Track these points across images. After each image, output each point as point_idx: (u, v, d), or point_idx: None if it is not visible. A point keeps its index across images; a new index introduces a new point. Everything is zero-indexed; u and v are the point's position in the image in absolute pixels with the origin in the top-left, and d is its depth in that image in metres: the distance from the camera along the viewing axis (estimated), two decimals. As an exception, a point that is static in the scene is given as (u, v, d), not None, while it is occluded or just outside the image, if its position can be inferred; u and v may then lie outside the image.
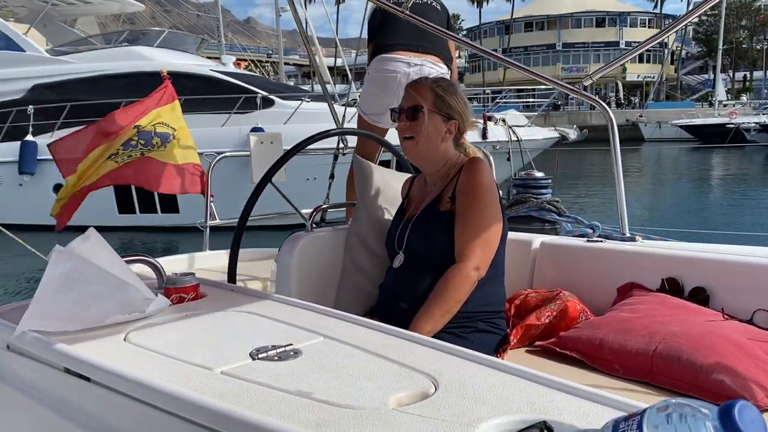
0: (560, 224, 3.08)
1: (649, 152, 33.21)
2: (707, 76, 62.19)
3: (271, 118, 11.67)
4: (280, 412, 1.04)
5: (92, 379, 1.31)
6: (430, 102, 2.07)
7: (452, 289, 1.91)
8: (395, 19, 3.43)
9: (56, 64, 13.94)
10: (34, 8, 16.57)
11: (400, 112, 2.11)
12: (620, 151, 2.44)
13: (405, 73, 3.52)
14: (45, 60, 14.14)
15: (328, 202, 3.90)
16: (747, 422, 0.73)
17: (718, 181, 21.74)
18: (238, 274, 2.46)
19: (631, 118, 40.55)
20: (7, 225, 6.04)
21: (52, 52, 14.70)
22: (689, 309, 1.91)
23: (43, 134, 12.21)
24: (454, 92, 2.09)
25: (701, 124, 36.27)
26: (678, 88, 63.68)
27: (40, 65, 13.85)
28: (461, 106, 2.08)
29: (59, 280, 1.49)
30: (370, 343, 1.34)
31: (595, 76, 2.66)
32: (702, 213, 14.41)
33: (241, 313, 1.60)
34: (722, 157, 29.69)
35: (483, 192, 1.98)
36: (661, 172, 25.08)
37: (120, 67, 13.49)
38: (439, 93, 2.07)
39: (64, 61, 14.09)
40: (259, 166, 4.03)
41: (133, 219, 12.22)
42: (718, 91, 44.00)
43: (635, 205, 14.25)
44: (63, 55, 14.50)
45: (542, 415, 1.00)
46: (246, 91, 12.74)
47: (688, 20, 2.75)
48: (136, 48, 14.28)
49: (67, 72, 13.72)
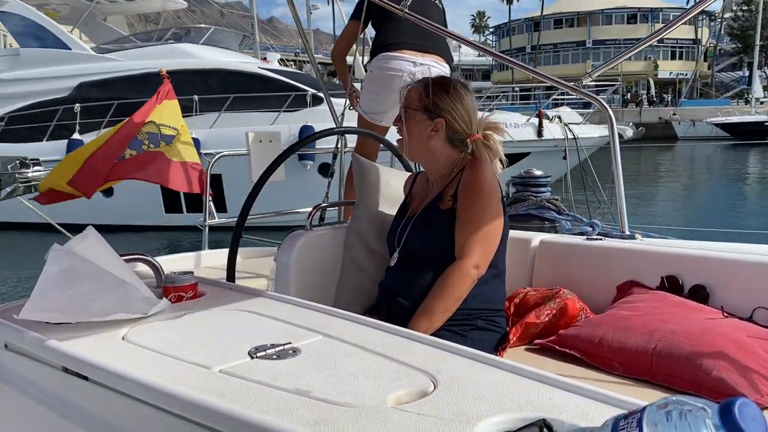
0: (559, 222, 3.08)
1: (683, 151, 32.65)
2: (741, 73, 61.07)
3: (321, 117, 11.26)
4: (279, 410, 1.04)
5: (90, 378, 1.30)
6: (415, 101, 2.09)
7: (452, 286, 1.91)
8: (396, 16, 3.42)
9: (102, 62, 13.86)
10: (76, 6, 16.48)
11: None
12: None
13: (410, 72, 3.51)
14: (91, 58, 14.07)
15: (327, 200, 3.90)
16: (747, 419, 0.72)
17: (756, 180, 21.23)
18: (237, 273, 2.46)
19: (664, 116, 39.76)
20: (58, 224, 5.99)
21: (97, 50, 14.62)
22: (689, 307, 1.91)
23: (90, 132, 12.06)
24: (445, 91, 2.07)
25: (738, 122, 35.55)
26: (712, 85, 62.23)
27: (86, 63, 13.78)
28: (451, 104, 2.05)
29: (57, 278, 1.49)
30: (369, 342, 1.34)
31: (594, 74, 2.66)
32: (737, 212, 14.19)
33: (240, 311, 1.60)
34: (761, 156, 29.11)
35: (484, 190, 1.98)
36: (698, 170, 24.66)
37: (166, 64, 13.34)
38: (425, 92, 2.07)
39: (110, 59, 14.00)
40: (258, 165, 4.02)
41: (180, 218, 12.12)
42: (755, 88, 43.00)
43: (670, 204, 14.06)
44: (109, 53, 14.41)
45: (542, 413, 1.00)
46: (295, 89, 12.57)
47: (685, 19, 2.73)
48: (182, 45, 14.18)
49: (113, 70, 13.65)
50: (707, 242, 2.21)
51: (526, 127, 12.32)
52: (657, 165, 21.97)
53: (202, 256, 3.63)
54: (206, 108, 12.31)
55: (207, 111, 12.25)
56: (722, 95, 56.60)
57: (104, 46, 15.29)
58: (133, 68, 13.50)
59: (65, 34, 14.37)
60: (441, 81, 2.13)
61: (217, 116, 12.13)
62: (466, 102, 2.09)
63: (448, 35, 3.32)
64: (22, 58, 14.27)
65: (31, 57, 14.17)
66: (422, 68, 3.51)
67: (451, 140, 2.08)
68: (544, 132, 12.13)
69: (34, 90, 13.63)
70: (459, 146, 2.10)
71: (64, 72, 13.61)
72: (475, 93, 2.18)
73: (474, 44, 3.55)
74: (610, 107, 2.63)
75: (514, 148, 11.86)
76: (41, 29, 14.46)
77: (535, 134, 12.10)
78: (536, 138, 12.04)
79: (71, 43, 14.27)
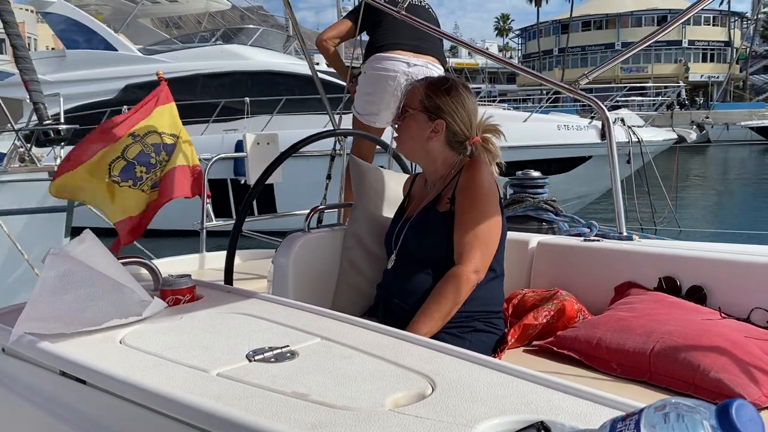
0: (557, 223, 3.08)
1: (716, 154, 31.89)
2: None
3: None
4: (277, 413, 1.04)
5: (88, 381, 1.30)
6: (417, 101, 2.08)
7: (451, 291, 1.91)
8: (391, 18, 3.42)
9: (149, 64, 13.57)
10: (117, 7, 16.23)
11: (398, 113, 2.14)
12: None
13: (405, 73, 3.51)
14: (138, 59, 13.83)
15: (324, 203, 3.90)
16: (745, 421, 0.72)
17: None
18: (235, 276, 2.46)
19: (696, 120, 38.76)
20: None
21: (144, 51, 14.40)
22: (686, 308, 1.91)
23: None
24: (446, 92, 2.06)
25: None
26: (745, 88, 61.33)
27: (132, 65, 13.53)
28: (452, 106, 2.05)
29: (54, 283, 1.49)
30: (367, 344, 1.34)
31: (591, 76, 2.66)
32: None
33: (238, 314, 1.60)
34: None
35: (482, 193, 1.97)
36: (732, 174, 24.16)
37: (215, 66, 13.18)
38: (427, 92, 2.06)
39: (156, 60, 13.79)
40: (256, 167, 4.02)
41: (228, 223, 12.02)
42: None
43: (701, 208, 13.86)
44: (155, 54, 14.21)
45: (539, 415, 1.00)
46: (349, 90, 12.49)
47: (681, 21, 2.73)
48: (231, 46, 13.95)
49: None
50: (704, 243, 2.21)
51: (588, 130, 11.93)
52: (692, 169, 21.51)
53: (199, 259, 3.63)
54: (257, 110, 12.07)
55: (258, 113, 12.01)
56: (755, 98, 55.61)
57: (150, 47, 15.03)
58: (181, 70, 13.23)
59: (112, 35, 14.10)
60: (443, 82, 2.12)
61: (269, 119, 11.84)
62: (468, 104, 2.08)
63: (442, 35, 3.33)
64: (68, 60, 14.05)
65: (78, 58, 13.95)
66: (416, 69, 3.51)
67: (450, 142, 2.08)
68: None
69: (80, 92, 13.35)
70: (458, 148, 2.09)
71: (110, 74, 13.37)
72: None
73: (468, 45, 3.56)
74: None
75: (575, 151, 11.66)
76: (87, 30, 14.21)
77: (599, 137, 11.71)
78: (599, 141, 11.65)
79: (117, 44, 14.02)
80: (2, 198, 6.17)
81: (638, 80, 22.97)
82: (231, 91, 12.70)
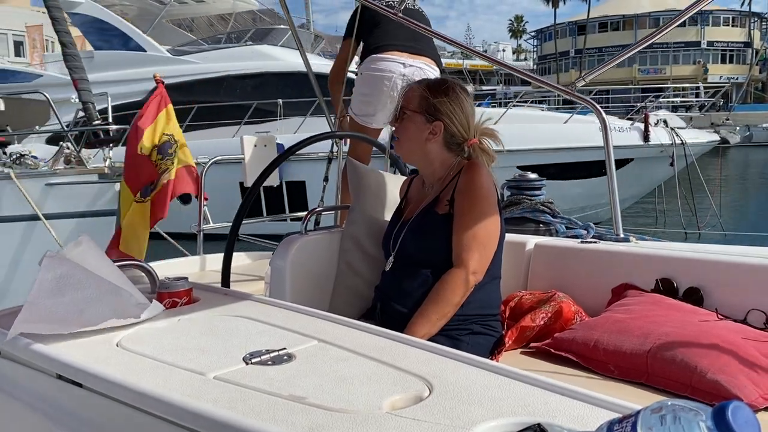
0: (554, 225, 3.09)
1: (736, 157, 31.39)
2: (795, 77, 58.78)
3: None
4: (274, 417, 1.04)
5: (85, 385, 1.30)
6: (415, 103, 2.08)
7: (449, 293, 1.91)
8: (386, 20, 3.43)
9: (178, 65, 13.38)
10: (143, 7, 15.94)
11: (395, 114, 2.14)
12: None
13: (400, 74, 3.52)
14: (167, 60, 13.61)
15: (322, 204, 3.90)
16: (741, 423, 0.73)
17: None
18: (233, 278, 2.46)
19: (716, 122, 37.96)
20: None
21: (173, 52, 14.18)
22: (684, 309, 1.91)
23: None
24: (445, 94, 2.06)
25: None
26: (764, 89, 59.81)
27: (162, 65, 13.14)
28: (450, 108, 2.05)
29: (51, 285, 1.48)
30: (365, 347, 1.34)
31: (588, 78, 2.67)
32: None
33: (235, 317, 1.59)
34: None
35: (481, 195, 1.97)
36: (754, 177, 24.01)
37: (246, 67, 12.89)
38: (425, 94, 2.06)
39: (186, 61, 13.57)
40: (253, 170, 4.02)
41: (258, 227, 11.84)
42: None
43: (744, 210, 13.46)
44: (185, 54, 13.97)
45: (537, 417, 1.00)
46: None
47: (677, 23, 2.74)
48: (261, 47, 13.68)
49: (190, 72, 13.14)
50: (701, 245, 2.22)
51: (630, 132, 11.73)
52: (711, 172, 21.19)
53: (196, 261, 3.62)
54: (290, 112, 11.85)
55: (291, 115, 11.78)
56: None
57: (179, 48, 14.77)
58: (211, 71, 13.04)
59: (140, 36, 13.84)
60: (441, 83, 2.12)
61: (303, 120, 11.60)
62: (465, 106, 2.08)
63: (437, 37, 3.34)
64: (96, 61, 13.67)
65: (106, 59, 13.64)
66: (412, 69, 3.52)
67: (448, 144, 2.07)
68: (650, 137, 11.53)
69: (108, 93, 13.26)
70: (455, 150, 2.09)
71: (139, 75, 12.84)
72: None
73: (462, 46, 3.57)
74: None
75: (616, 153, 11.55)
76: (115, 31, 13.96)
77: (641, 139, 11.49)
78: (642, 143, 11.47)
79: (146, 44, 13.76)
80: (51, 201, 6.01)
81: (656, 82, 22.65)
82: (261, 92, 12.46)
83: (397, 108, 2.14)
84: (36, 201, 5.88)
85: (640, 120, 11.89)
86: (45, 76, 14.74)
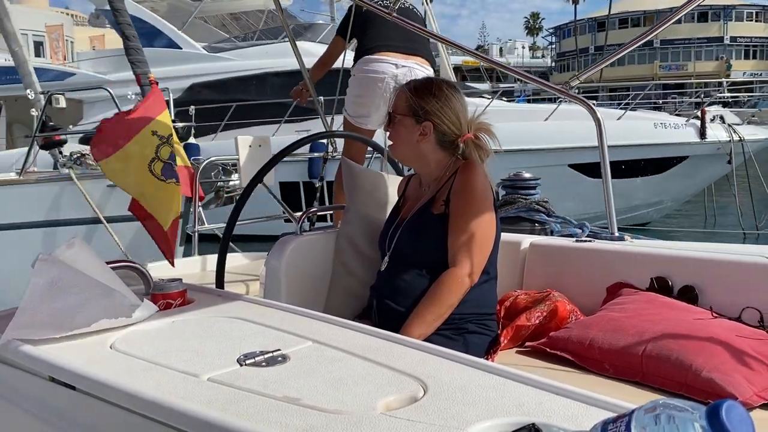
0: (549, 224, 3.09)
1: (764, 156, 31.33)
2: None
3: None
4: (268, 418, 1.03)
5: (78, 387, 1.29)
6: (403, 106, 2.08)
7: (445, 294, 1.91)
8: (379, 20, 3.42)
9: (215, 62, 13.06)
10: (174, 4, 15.62)
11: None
12: None
13: (393, 75, 3.52)
14: (203, 57, 13.28)
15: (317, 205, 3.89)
16: (735, 422, 0.73)
17: None
18: (227, 279, 2.45)
19: (743, 119, 38.19)
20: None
21: (209, 49, 13.83)
22: (678, 308, 1.92)
23: (205, 136, 11.15)
24: (431, 93, 2.05)
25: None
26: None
27: (198, 63, 12.96)
28: (437, 107, 2.04)
29: (44, 289, 1.48)
30: (359, 347, 1.33)
31: (582, 77, 2.66)
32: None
33: (229, 318, 1.59)
34: None
35: (478, 196, 1.97)
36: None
37: (285, 64, 12.07)
38: (410, 96, 2.06)
39: (223, 58, 13.24)
40: (248, 170, 4.01)
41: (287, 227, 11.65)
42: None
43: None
44: (221, 52, 13.63)
45: (531, 417, 0.99)
46: None
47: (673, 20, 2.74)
48: (300, 44, 13.34)
49: (227, 70, 12.82)
50: (695, 243, 2.22)
51: (686, 128, 11.30)
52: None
53: (191, 263, 3.62)
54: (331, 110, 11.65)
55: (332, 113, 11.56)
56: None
57: (216, 44, 14.41)
58: (249, 68, 12.68)
59: (175, 33, 13.50)
60: (426, 83, 2.11)
61: None
62: (454, 103, 2.06)
63: (431, 36, 3.34)
64: None
65: None
66: (405, 70, 3.52)
67: (441, 143, 2.07)
68: (707, 133, 11.07)
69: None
70: (450, 148, 2.08)
71: (175, 72, 12.46)
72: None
73: (457, 45, 3.56)
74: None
75: (671, 151, 11.06)
76: (150, 28, 13.47)
77: (698, 136, 11.08)
78: (698, 140, 11.09)
79: (182, 42, 13.42)
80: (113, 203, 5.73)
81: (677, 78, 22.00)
82: None
83: (387, 114, 2.14)
84: (97, 203, 5.69)
85: (694, 117, 11.53)
86: (78, 75, 14.41)
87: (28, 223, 6.02)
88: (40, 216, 6.02)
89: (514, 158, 9.26)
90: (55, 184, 6.06)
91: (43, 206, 6.02)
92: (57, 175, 6.24)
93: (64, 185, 5.93)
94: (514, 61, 57.33)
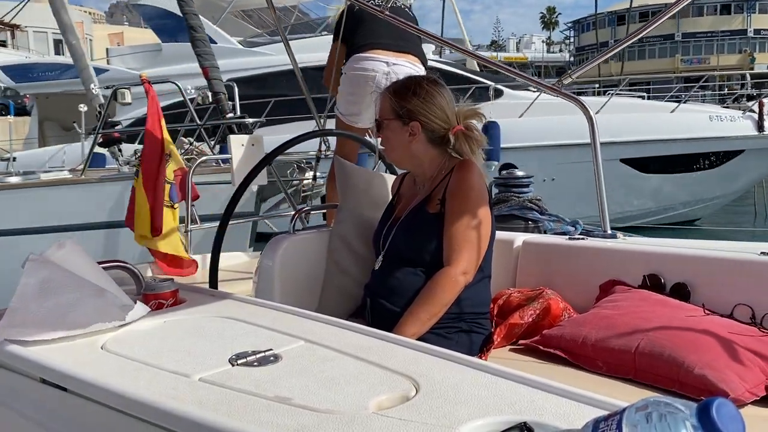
0: (542, 222, 3.09)
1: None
2: None
3: (504, 111, 9.97)
4: (260, 418, 1.03)
5: (69, 389, 1.28)
6: (387, 111, 2.08)
7: (439, 293, 1.90)
8: (371, 19, 3.42)
9: (252, 57, 12.77)
10: None
11: None
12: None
13: (383, 72, 3.51)
14: (239, 52, 12.95)
15: (310, 204, 3.88)
16: (725, 420, 0.73)
17: None
18: (220, 279, 2.45)
19: None
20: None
21: (244, 44, 13.53)
22: (671, 305, 1.92)
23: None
24: (413, 93, 2.04)
25: None
26: None
27: (234, 58, 12.55)
28: (421, 105, 2.03)
29: (35, 289, 1.47)
30: (351, 346, 1.33)
31: (575, 74, 2.67)
32: None
33: (221, 318, 1.58)
34: None
35: (473, 195, 1.97)
36: None
37: (323, 58, 12.07)
38: (393, 98, 2.06)
39: (260, 53, 12.94)
40: (241, 169, 4.00)
41: None
42: None
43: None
44: (257, 46, 13.37)
45: (523, 415, 0.99)
46: (475, 82, 11.43)
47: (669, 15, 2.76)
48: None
49: (264, 65, 12.47)
50: (688, 240, 2.23)
51: (743, 121, 10.93)
52: None
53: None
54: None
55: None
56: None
57: (252, 39, 14.11)
58: (287, 63, 12.57)
59: (210, 27, 12.77)
60: (405, 84, 2.11)
61: None
62: (437, 98, 2.05)
63: (423, 35, 3.34)
64: (165, 54, 13.16)
65: (174, 52, 12.82)
66: (395, 68, 3.51)
67: (431, 140, 2.06)
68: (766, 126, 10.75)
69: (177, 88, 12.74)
70: (442, 144, 2.07)
71: None
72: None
73: (452, 44, 3.56)
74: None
75: (725, 144, 10.76)
76: (184, 23, 13.59)
77: (755, 129, 10.75)
78: (756, 133, 10.76)
79: (217, 36, 12.91)
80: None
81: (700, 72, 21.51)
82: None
83: (375, 120, 2.15)
84: None
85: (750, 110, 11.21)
86: (111, 71, 14.23)
87: (89, 224, 5.79)
88: (102, 217, 5.78)
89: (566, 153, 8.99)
90: (118, 183, 5.81)
91: (106, 206, 5.78)
92: (117, 174, 6.01)
93: (126, 185, 5.54)
94: (531, 56, 56.64)
